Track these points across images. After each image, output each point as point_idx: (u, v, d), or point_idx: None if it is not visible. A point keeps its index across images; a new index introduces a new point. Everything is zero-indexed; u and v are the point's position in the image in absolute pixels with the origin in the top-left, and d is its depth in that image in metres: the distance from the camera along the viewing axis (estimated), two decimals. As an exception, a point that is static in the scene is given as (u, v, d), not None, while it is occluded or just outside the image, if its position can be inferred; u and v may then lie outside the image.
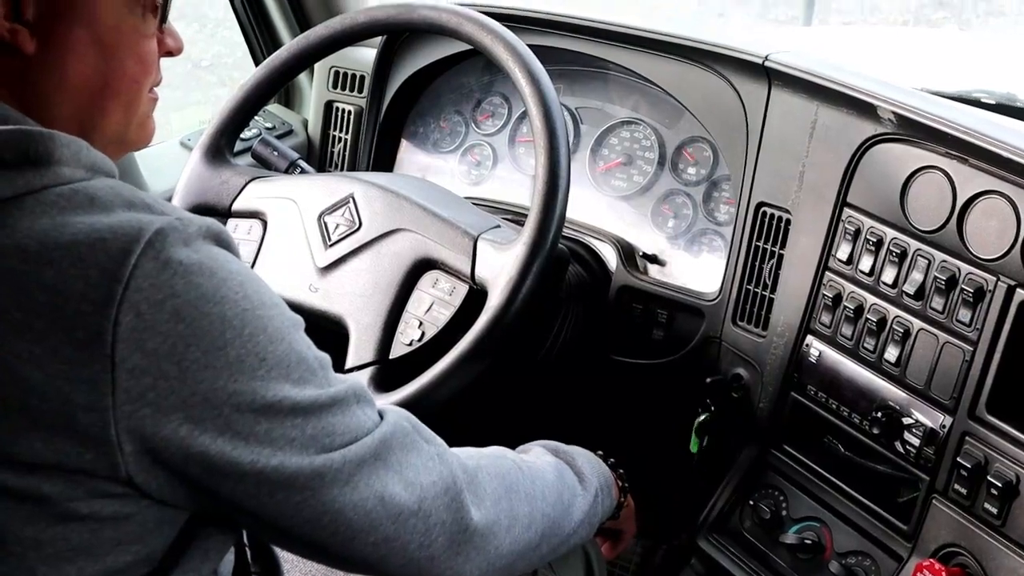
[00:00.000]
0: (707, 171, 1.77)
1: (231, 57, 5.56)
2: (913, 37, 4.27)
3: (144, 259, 0.87)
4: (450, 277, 1.49)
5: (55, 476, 0.88)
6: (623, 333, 1.77)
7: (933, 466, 1.42)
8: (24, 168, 0.91)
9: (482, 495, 1.15)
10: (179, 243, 0.90)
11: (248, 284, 0.94)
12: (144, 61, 1.04)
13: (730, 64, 1.66)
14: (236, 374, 0.91)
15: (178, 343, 0.88)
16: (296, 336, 0.98)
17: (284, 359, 0.95)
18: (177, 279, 0.88)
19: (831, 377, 1.54)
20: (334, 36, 1.67)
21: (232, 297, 0.92)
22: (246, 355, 0.92)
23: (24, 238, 0.88)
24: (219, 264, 0.92)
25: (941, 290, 1.40)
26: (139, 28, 1.03)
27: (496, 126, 1.99)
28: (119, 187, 0.94)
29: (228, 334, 0.91)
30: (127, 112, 1.05)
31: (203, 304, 0.90)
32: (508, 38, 1.50)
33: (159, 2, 1.05)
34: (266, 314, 0.95)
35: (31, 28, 0.96)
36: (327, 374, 1.01)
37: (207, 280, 0.90)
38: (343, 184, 1.60)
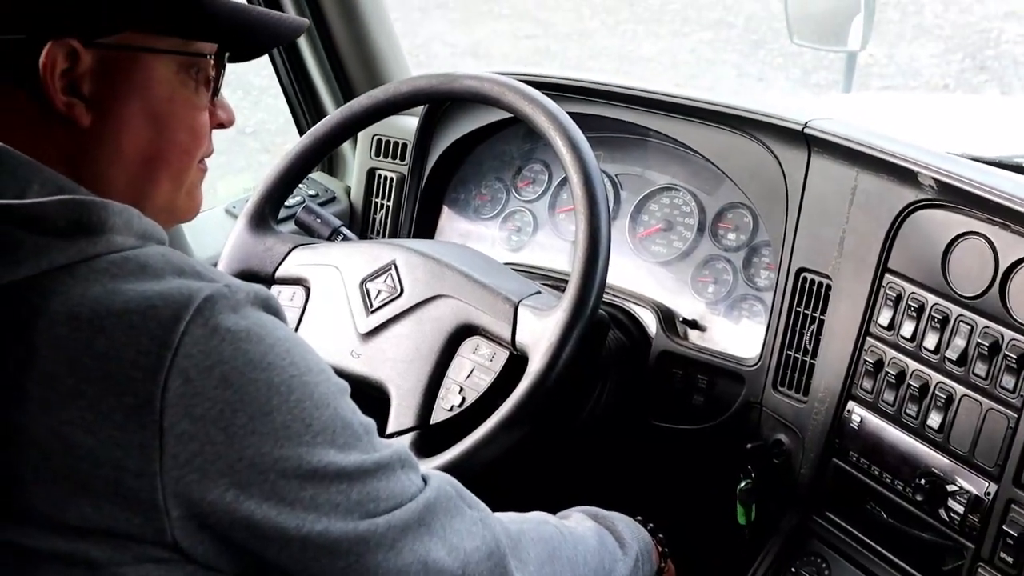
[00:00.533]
0: (747, 237, 1.78)
1: (274, 124, 5.64)
2: (954, 102, 4.27)
3: (193, 326, 0.89)
4: (491, 343, 1.50)
5: (103, 541, 0.89)
6: (663, 398, 1.77)
7: (978, 534, 1.40)
8: (77, 236, 0.93)
9: (526, 560, 1.15)
10: (227, 310, 0.91)
11: (295, 350, 0.95)
12: (196, 133, 1.07)
13: (770, 131, 1.67)
14: (282, 440, 0.92)
15: (225, 409, 0.90)
16: (342, 402, 0.99)
17: (330, 425, 0.96)
18: (225, 345, 0.90)
19: (873, 443, 1.53)
20: (377, 106, 1.69)
21: (279, 363, 0.93)
22: (292, 421, 0.93)
23: (76, 305, 0.89)
24: (266, 330, 0.94)
25: (984, 356, 1.39)
26: (192, 101, 1.05)
27: (536, 193, 2.00)
28: (169, 254, 0.96)
29: (275, 400, 0.92)
30: (176, 182, 1.07)
31: (250, 370, 0.91)
32: (549, 106, 1.51)
33: (211, 76, 1.07)
34: (312, 380, 0.96)
35: (87, 102, 0.99)
36: (372, 439, 1.02)
37: (254, 346, 0.92)
38: (385, 251, 1.62)
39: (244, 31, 1.09)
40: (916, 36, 6.88)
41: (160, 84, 1.02)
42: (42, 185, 0.96)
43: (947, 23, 7.00)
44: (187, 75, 1.04)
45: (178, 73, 1.04)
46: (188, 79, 1.05)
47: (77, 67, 0.97)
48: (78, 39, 0.97)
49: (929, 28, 6.97)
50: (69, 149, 1.00)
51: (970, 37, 6.80)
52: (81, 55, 0.97)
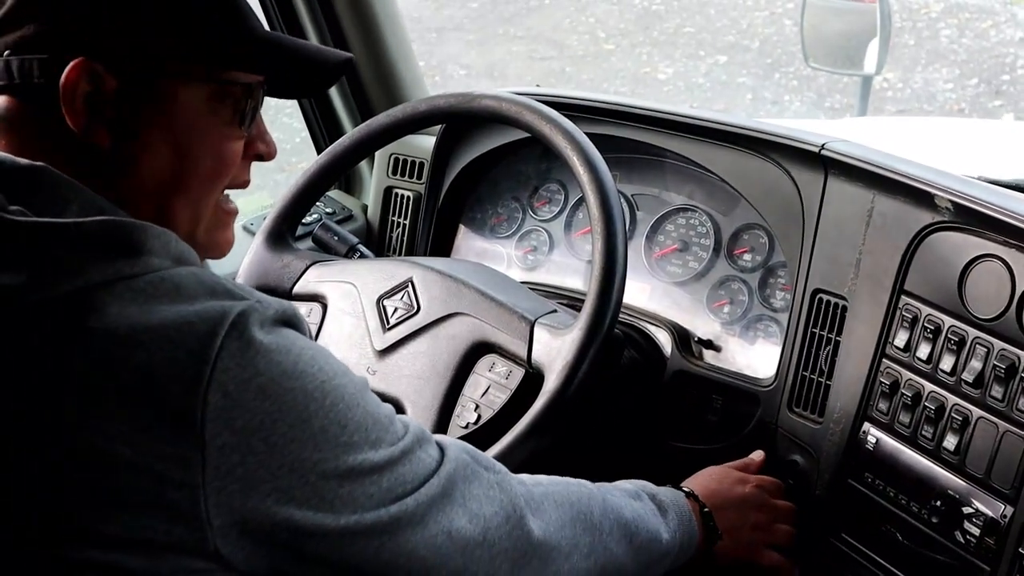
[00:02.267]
0: (763, 258, 1.78)
1: (290, 143, 5.66)
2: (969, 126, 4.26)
3: (229, 340, 0.91)
4: (507, 361, 1.50)
5: (141, 552, 0.91)
6: (678, 418, 1.77)
7: (994, 556, 1.40)
8: (117, 256, 0.94)
9: (547, 521, 1.20)
10: (258, 324, 0.94)
11: (319, 357, 0.99)
12: (222, 162, 1.07)
13: (787, 152, 1.67)
14: (321, 444, 0.96)
15: (266, 420, 0.93)
16: (368, 398, 1.04)
17: (362, 423, 1.00)
18: (260, 358, 0.93)
19: (889, 465, 1.53)
20: (395, 124, 1.71)
21: (310, 371, 0.96)
22: (329, 424, 0.97)
23: (114, 322, 0.91)
24: (291, 342, 0.97)
25: (1000, 378, 1.39)
26: (220, 129, 1.05)
27: (553, 212, 2.01)
28: (202, 275, 0.97)
29: (311, 407, 0.96)
30: (194, 213, 1.07)
31: (285, 380, 0.94)
32: (566, 126, 1.52)
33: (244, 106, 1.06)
34: (340, 383, 0.99)
35: (108, 124, 0.99)
36: (395, 426, 1.06)
37: (285, 357, 0.95)
38: (402, 269, 1.62)
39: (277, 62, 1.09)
40: (931, 61, 6.88)
41: (186, 111, 1.03)
42: (81, 205, 0.97)
43: (962, 48, 7.01)
44: (219, 104, 1.04)
45: (208, 101, 1.04)
46: (220, 108, 1.05)
47: (101, 90, 0.98)
48: (102, 63, 0.97)
49: (944, 53, 6.97)
50: (91, 171, 1.00)
51: (985, 62, 6.80)
52: (105, 79, 0.98)
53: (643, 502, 1.39)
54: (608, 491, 1.35)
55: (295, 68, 1.11)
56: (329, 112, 2.31)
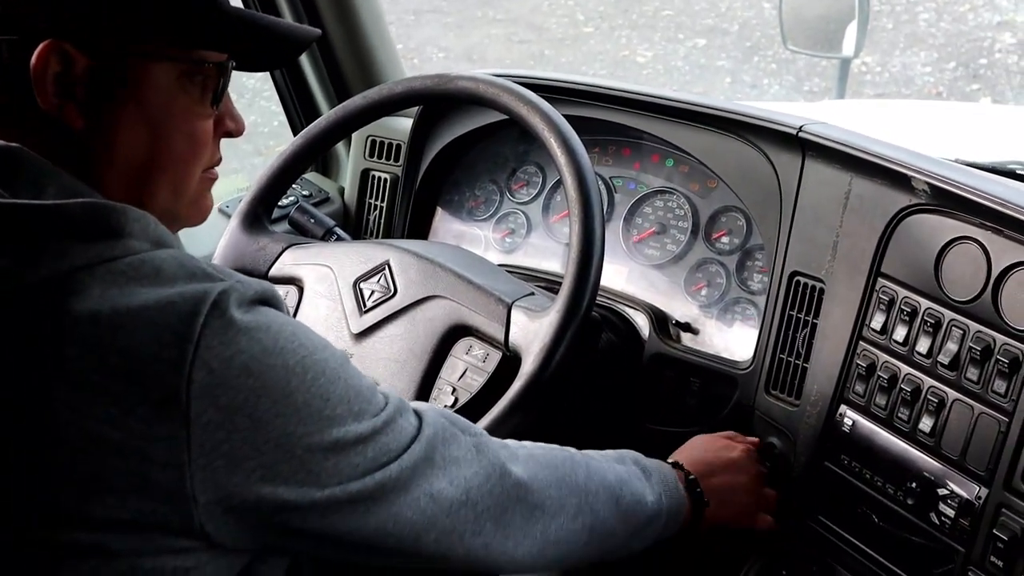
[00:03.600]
0: (740, 240, 1.78)
1: (267, 127, 5.64)
2: (947, 109, 4.28)
3: (211, 319, 0.92)
4: (484, 344, 1.50)
5: (127, 532, 0.92)
6: (655, 401, 1.77)
7: (968, 538, 1.40)
8: (97, 239, 0.94)
9: (530, 480, 1.21)
10: (237, 304, 0.95)
11: (299, 333, 1.00)
12: (195, 141, 1.07)
13: (764, 134, 1.67)
14: (305, 418, 0.97)
15: (249, 396, 0.94)
16: (349, 371, 1.04)
17: (345, 396, 1.01)
18: (241, 336, 0.94)
19: (865, 447, 1.53)
20: (372, 106, 1.70)
21: (290, 347, 0.97)
22: (312, 398, 0.98)
23: (96, 305, 0.91)
24: (271, 319, 0.98)
25: (976, 361, 1.39)
26: (193, 108, 1.05)
27: (530, 195, 2.00)
28: (182, 258, 0.98)
29: (293, 382, 0.97)
30: (176, 190, 1.08)
31: (267, 357, 0.95)
32: (544, 108, 1.52)
33: (214, 85, 1.06)
34: (321, 357, 1.00)
35: (80, 105, 0.99)
36: (376, 397, 1.07)
37: (266, 335, 0.96)
38: (379, 251, 1.62)
39: (249, 41, 1.08)
40: (909, 44, 6.90)
41: (157, 90, 1.02)
42: (59, 188, 0.97)
43: (940, 32, 7.03)
44: (189, 82, 1.04)
45: (179, 80, 1.03)
46: (190, 86, 1.04)
47: (72, 70, 0.97)
48: (72, 43, 0.97)
49: (922, 37, 6.99)
50: (65, 152, 1.00)
51: (963, 46, 6.82)
52: (75, 58, 0.97)
53: (627, 466, 1.39)
54: (591, 456, 1.36)
55: (264, 45, 1.11)
56: (305, 94, 2.30)
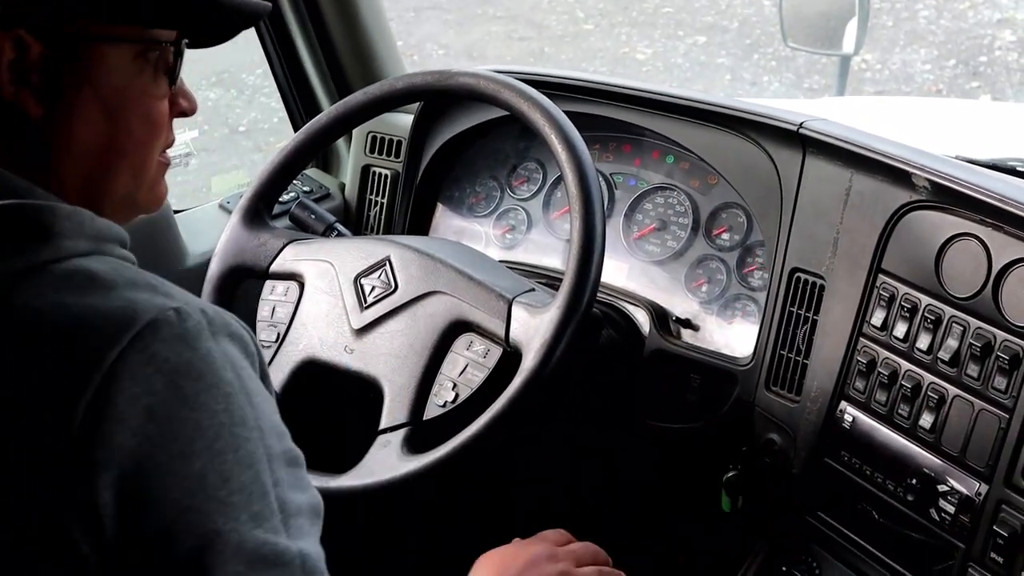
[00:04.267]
0: (741, 237, 1.78)
1: (267, 123, 5.64)
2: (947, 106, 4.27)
3: (130, 351, 0.85)
4: (484, 340, 1.50)
5: None
6: (656, 397, 1.77)
7: (969, 534, 1.40)
8: (24, 243, 0.90)
9: None
10: (173, 338, 0.87)
11: (235, 398, 0.89)
12: (153, 123, 1.03)
13: (765, 131, 1.67)
14: (195, 489, 0.86)
15: (145, 443, 0.85)
16: (267, 468, 0.91)
17: (247, 488, 0.88)
18: (158, 377, 0.85)
19: (865, 443, 1.53)
20: (372, 102, 1.69)
21: (212, 407, 0.87)
22: (211, 471, 0.86)
23: (21, 317, 0.87)
24: (211, 368, 0.88)
25: (976, 357, 1.39)
26: (148, 90, 1.02)
27: (531, 191, 2.00)
28: (121, 266, 0.93)
29: (198, 443, 0.86)
30: (135, 175, 1.03)
31: (179, 408, 0.86)
32: (545, 105, 1.52)
33: (170, 63, 1.03)
34: (243, 434, 0.89)
35: (36, 92, 0.95)
36: (288, 522, 0.91)
37: (191, 383, 0.87)
38: (379, 247, 1.62)
39: (202, 17, 1.04)
40: (909, 42, 6.89)
41: (114, 73, 0.98)
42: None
43: (940, 29, 7.02)
44: (144, 62, 1.00)
45: (134, 61, 0.99)
46: (145, 67, 1.00)
47: (26, 57, 0.94)
48: (24, 28, 0.93)
49: (922, 34, 6.98)
50: (20, 142, 0.96)
51: (963, 43, 6.81)
52: (29, 44, 0.94)
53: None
54: None
55: (217, 19, 1.06)
56: (306, 90, 2.30)
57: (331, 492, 1.47)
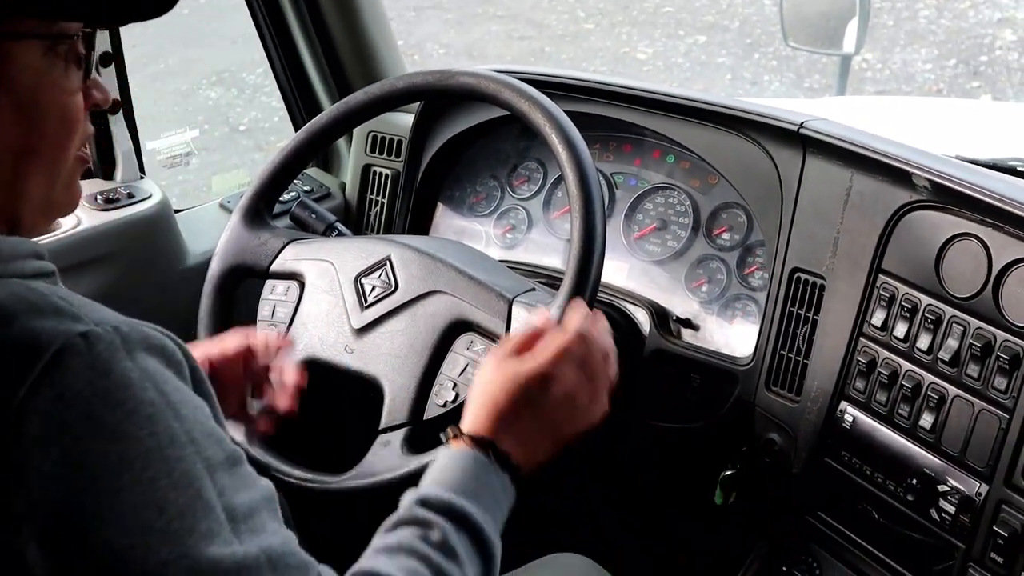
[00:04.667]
0: (741, 237, 1.78)
1: (268, 122, 5.63)
2: (947, 106, 4.27)
3: (39, 389, 0.79)
4: (485, 339, 1.50)
5: None
6: (656, 397, 1.77)
7: (969, 534, 1.40)
8: None
9: None
10: (83, 367, 0.81)
11: (160, 417, 0.83)
12: (68, 120, 0.97)
13: (766, 131, 1.67)
14: (131, 526, 0.80)
15: (67, 489, 0.79)
16: (208, 481, 0.85)
17: (188, 509, 0.82)
18: (73, 412, 0.79)
19: (865, 443, 1.53)
20: (373, 101, 1.69)
21: (136, 434, 0.81)
22: (144, 505, 0.81)
23: None
24: (128, 392, 0.82)
25: (976, 357, 1.39)
26: (61, 84, 0.95)
27: (531, 191, 2.00)
28: (25, 292, 0.86)
29: (125, 477, 0.80)
30: (50, 175, 0.97)
31: (99, 443, 0.80)
32: (545, 104, 1.52)
33: (82, 55, 0.97)
34: (175, 454, 0.83)
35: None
36: (238, 528, 0.86)
37: (109, 413, 0.81)
38: (380, 247, 1.62)
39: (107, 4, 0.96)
40: (910, 41, 6.89)
41: (24, 71, 0.92)
42: None
43: (941, 29, 7.02)
44: (54, 57, 0.94)
45: (44, 56, 0.93)
46: (56, 61, 0.94)
47: None
48: None
49: (923, 34, 6.98)
50: None
51: (964, 43, 6.81)
52: None
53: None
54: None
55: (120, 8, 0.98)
56: (307, 89, 2.30)
57: (331, 492, 1.47)
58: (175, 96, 5.83)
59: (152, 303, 1.86)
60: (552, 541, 1.77)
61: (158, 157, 2.18)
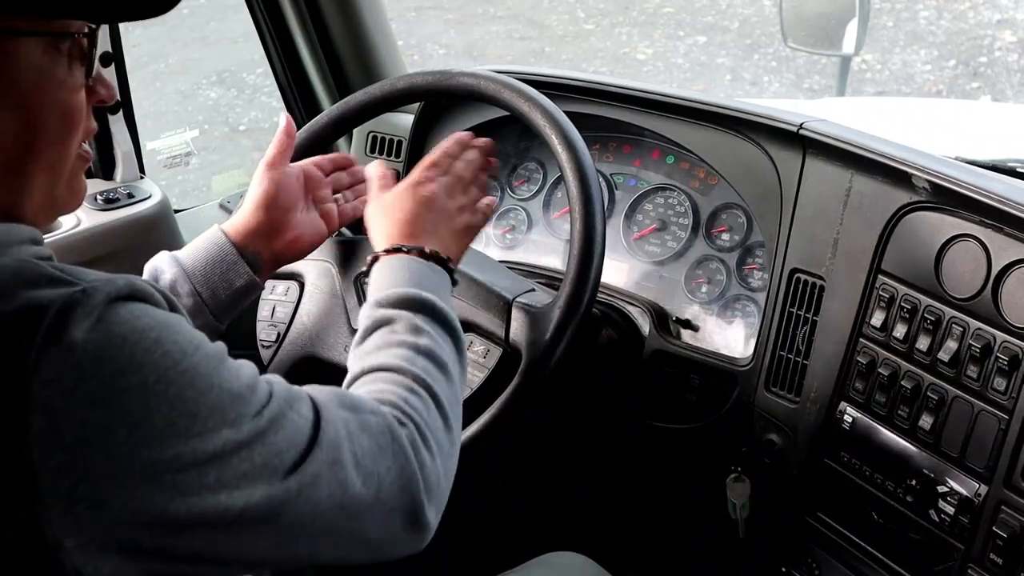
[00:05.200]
0: (741, 237, 1.78)
1: (267, 122, 5.63)
2: (947, 107, 4.27)
3: (47, 346, 0.82)
4: (484, 340, 1.50)
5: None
6: (656, 397, 1.77)
7: (968, 535, 1.41)
8: None
9: (430, 449, 1.08)
10: (83, 318, 0.84)
11: (164, 338, 0.88)
12: (70, 117, 0.97)
13: (765, 132, 1.67)
14: (171, 439, 0.86)
15: (100, 430, 0.83)
16: (222, 373, 0.92)
17: (217, 406, 0.90)
18: (85, 359, 0.83)
19: (865, 444, 1.53)
20: (373, 102, 1.69)
21: (150, 361, 0.86)
22: (177, 416, 0.86)
23: None
24: (129, 327, 0.86)
25: (976, 358, 1.39)
26: (63, 81, 0.96)
27: (531, 191, 2.00)
28: (19, 267, 0.89)
29: (152, 401, 0.85)
30: (53, 173, 0.98)
31: (119, 379, 0.84)
32: (545, 105, 1.52)
33: (85, 50, 0.97)
34: (189, 365, 0.89)
35: None
36: (257, 395, 0.94)
37: (118, 351, 0.85)
38: (380, 247, 1.62)
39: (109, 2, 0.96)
40: (910, 42, 6.89)
41: (26, 69, 0.92)
42: None
43: (940, 30, 7.02)
44: (57, 53, 0.94)
45: (46, 53, 0.93)
46: (58, 58, 0.94)
47: None
48: None
49: (923, 35, 6.98)
50: None
51: (963, 44, 6.81)
52: None
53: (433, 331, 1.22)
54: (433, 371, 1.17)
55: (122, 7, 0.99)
56: (307, 89, 2.30)
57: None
58: (175, 96, 5.83)
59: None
60: (551, 539, 1.77)
61: (158, 157, 2.18)
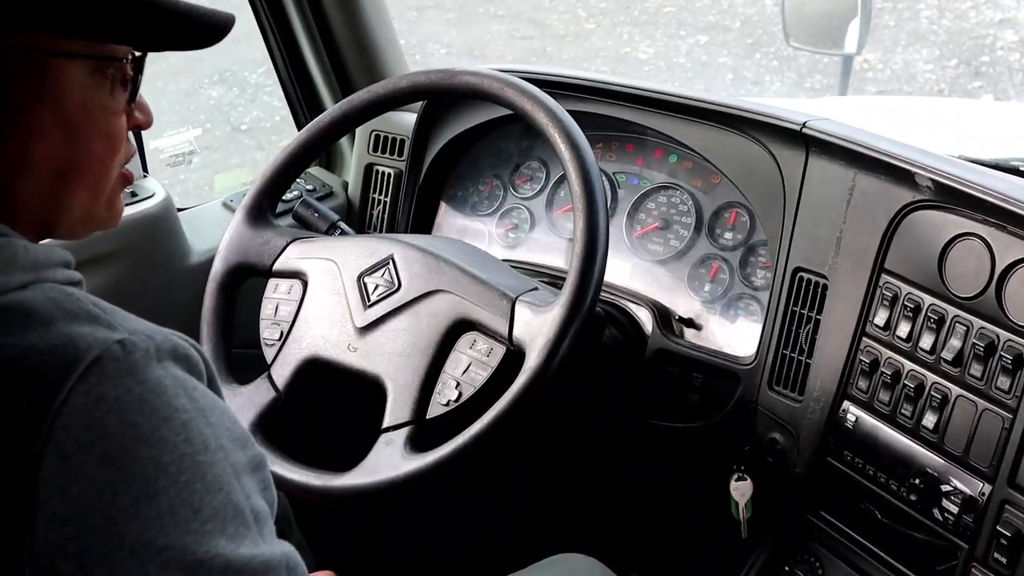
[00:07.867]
0: (744, 236, 1.78)
1: (269, 122, 5.63)
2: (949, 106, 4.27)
3: (76, 394, 0.81)
4: (488, 338, 1.50)
5: None
6: (659, 396, 1.77)
7: (972, 534, 1.40)
8: None
9: None
10: (120, 373, 0.83)
11: (193, 424, 0.86)
12: (112, 139, 0.99)
13: (768, 130, 1.67)
14: (168, 527, 0.83)
15: (106, 490, 0.81)
16: (237, 484, 0.89)
17: (220, 511, 0.86)
18: (111, 417, 0.81)
19: (868, 443, 1.53)
20: (376, 101, 1.70)
21: (171, 440, 0.84)
22: (180, 505, 0.84)
23: None
24: (163, 399, 0.85)
25: (980, 357, 1.39)
26: (108, 105, 0.97)
27: (534, 190, 2.01)
28: (61, 295, 0.88)
29: (161, 481, 0.83)
30: (94, 193, 1.00)
31: (137, 447, 0.82)
32: (548, 104, 1.52)
33: (129, 76, 0.99)
34: (207, 460, 0.86)
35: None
36: (263, 530, 0.91)
37: (145, 419, 0.83)
38: (383, 246, 1.62)
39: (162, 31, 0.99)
40: (911, 42, 6.89)
41: (72, 90, 0.94)
42: None
43: (942, 29, 7.02)
44: (102, 78, 0.96)
45: (92, 76, 0.95)
46: (103, 82, 0.96)
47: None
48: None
49: (924, 34, 6.98)
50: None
51: (965, 43, 6.81)
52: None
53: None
54: None
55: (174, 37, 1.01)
56: (309, 89, 2.30)
57: (334, 491, 1.47)
58: (177, 95, 5.83)
59: (155, 301, 1.86)
60: (557, 541, 1.77)
61: (161, 156, 2.18)
